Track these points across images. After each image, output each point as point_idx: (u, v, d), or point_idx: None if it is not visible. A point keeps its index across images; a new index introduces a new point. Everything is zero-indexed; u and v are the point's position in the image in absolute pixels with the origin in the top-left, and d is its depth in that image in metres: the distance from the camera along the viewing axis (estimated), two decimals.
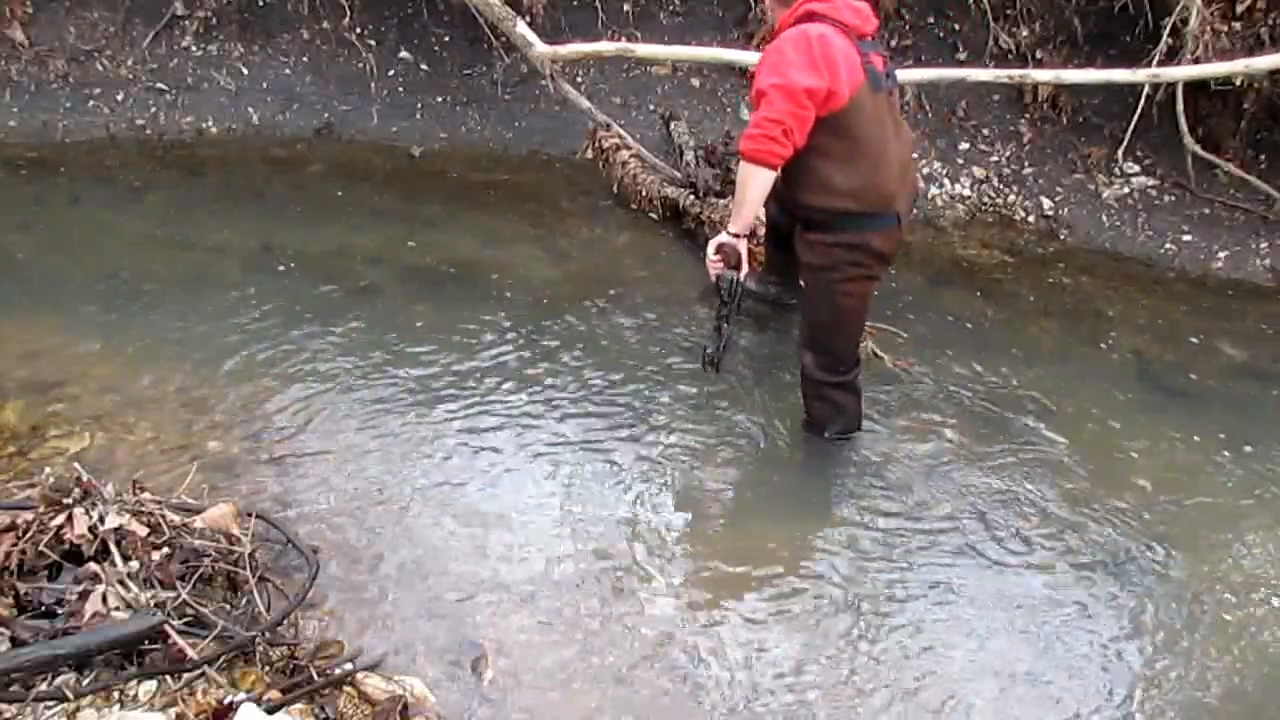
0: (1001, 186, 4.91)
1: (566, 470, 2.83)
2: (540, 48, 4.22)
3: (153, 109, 4.61)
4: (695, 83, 5.05)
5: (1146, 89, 4.42)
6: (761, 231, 3.32)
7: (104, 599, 1.96)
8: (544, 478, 2.80)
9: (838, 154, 2.58)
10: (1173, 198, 4.86)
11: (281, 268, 3.63)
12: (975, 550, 2.74)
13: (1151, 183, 4.91)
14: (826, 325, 2.83)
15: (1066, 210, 4.82)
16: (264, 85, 4.78)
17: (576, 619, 2.37)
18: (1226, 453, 3.25)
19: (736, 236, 2.75)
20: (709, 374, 3.13)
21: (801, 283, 2.85)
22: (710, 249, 2.81)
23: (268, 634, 2.05)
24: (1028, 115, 5.04)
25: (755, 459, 2.98)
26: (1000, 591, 2.62)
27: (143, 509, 2.17)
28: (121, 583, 2.02)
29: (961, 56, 4.94)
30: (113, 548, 2.06)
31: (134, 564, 2.06)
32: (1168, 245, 4.70)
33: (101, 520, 2.09)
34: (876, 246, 2.69)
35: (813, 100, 2.49)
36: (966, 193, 4.86)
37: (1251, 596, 2.70)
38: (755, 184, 2.61)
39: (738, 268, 2.79)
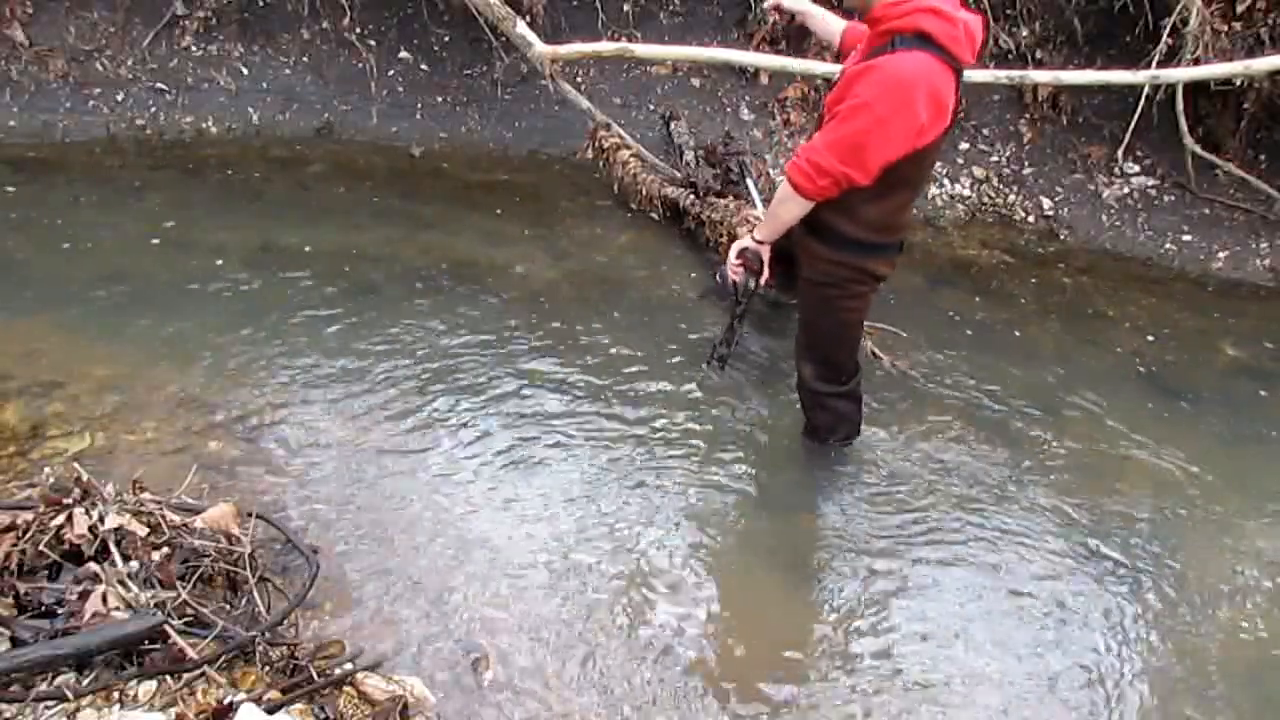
0: (1001, 186, 4.91)
1: (567, 471, 2.84)
2: (540, 48, 4.22)
3: (153, 109, 4.61)
4: (695, 83, 5.05)
5: (1146, 89, 4.42)
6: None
7: (104, 599, 1.96)
8: (545, 478, 2.80)
9: (879, 190, 2.43)
10: (1173, 198, 4.86)
11: (281, 268, 3.63)
12: (975, 551, 2.74)
13: (1151, 183, 4.91)
14: (827, 338, 2.79)
15: (1066, 210, 4.82)
16: (264, 85, 4.78)
17: (577, 620, 2.37)
18: (1226, 452, 3.26)
19: (761, 244, 2.71)
20: (714, 370, 3.15)
21: (801, 296, 2.80)
22: (732, 252, 2.76)
23: (268, 634, 2.05)
24: (1028, 115, 5.04)
25: (756, 459, 2.98)
26: (999, 592, 2.62)
27: (143, 509, 2.17)
28: (121, 583, 2.01)
29: None
30: (113, 548, 2.06)
31: (134, 564, 2.06)
32: (1168, 245, 4.70)
33: (101, 520, 2.09)
34: (877, 271, 2.65)
35: (880, 170, 2.38)
36: (966, 193, 4.86)
37: (1252, 596, 2.70)
38: (792, 209, 2.55)
39: (758, 274, 2.76)
